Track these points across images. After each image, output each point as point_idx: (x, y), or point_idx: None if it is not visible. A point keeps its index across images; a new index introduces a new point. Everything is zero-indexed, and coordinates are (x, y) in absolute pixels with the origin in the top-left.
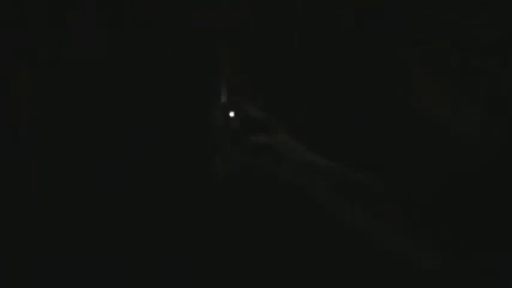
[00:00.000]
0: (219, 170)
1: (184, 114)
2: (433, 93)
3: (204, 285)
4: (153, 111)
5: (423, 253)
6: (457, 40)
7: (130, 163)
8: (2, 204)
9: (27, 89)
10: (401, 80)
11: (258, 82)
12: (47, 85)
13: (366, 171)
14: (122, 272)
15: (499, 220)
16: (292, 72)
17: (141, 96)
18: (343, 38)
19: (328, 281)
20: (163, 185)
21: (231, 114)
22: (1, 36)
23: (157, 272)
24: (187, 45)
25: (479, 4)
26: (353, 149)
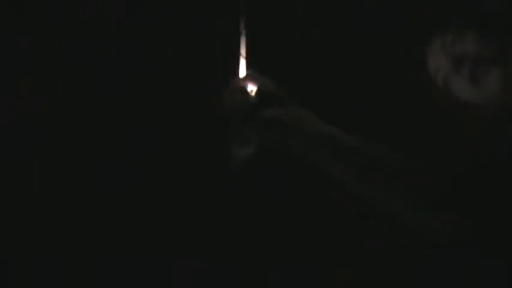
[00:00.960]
0: (236, 153)
1: (184, 114)
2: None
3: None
4: (153, 111)
5: (439, 229)
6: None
7: (130, 163)
8: (2, 204)
9: (27, 89)
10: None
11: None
12: (47, 85)
13: (384, 145)
14: (122, 272)
15: None
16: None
17: (141, 96)
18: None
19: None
20: (166, 186)
21: (249, 88)
22: (1, 36)
23: (160, 272)
24: (187, 45)
25: None
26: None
